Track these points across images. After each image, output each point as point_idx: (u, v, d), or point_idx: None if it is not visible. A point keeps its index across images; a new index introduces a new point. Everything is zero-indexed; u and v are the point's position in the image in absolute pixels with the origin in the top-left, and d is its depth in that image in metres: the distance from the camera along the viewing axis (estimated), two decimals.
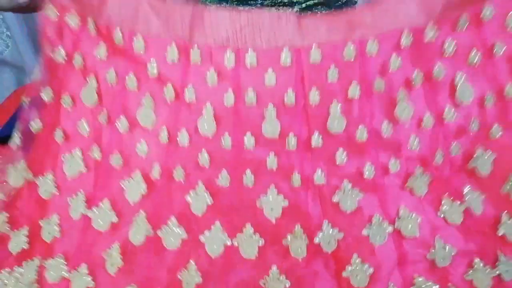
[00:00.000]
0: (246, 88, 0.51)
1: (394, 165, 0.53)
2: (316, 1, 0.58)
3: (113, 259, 0.50)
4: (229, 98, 0.51)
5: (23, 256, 0.53)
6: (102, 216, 0.51)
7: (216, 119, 0.51)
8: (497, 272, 0.52)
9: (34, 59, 1.14)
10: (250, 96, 0.51)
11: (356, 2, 0.66)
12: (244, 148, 0.51)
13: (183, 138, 0.51)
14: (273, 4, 0.57)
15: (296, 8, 0.57)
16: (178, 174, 0.52)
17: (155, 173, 0.52)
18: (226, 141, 0.51)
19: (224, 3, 0.58)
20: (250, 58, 0.51)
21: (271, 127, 0.51)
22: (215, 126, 0.51)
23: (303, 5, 0.57)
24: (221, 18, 0.50)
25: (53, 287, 0.51)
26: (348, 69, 0.51)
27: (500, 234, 0.52)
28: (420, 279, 0.51)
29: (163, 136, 0.52)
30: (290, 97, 0.51)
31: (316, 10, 0.59)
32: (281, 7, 0.57)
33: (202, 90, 0.51)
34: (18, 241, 0.53)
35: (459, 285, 0.51)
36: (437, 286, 0.50)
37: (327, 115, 0.51)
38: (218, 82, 0.51)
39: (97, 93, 0.53)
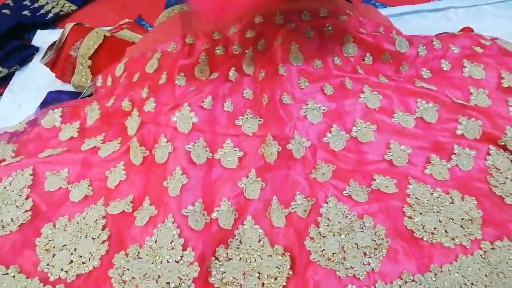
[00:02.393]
0: None
1: (349, 83, 0.62)
2: None
3: (116, 174, 0.60)
4: None
5: None
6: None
7: None
8: (453, 163, 0.55)
9: None
10: None
11: None
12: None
13: None
14: None
15: None
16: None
17: None
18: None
19: None
20: None
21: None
22: None
23: None
24: None
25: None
26: None
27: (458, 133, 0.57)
28: (379, 176, 0.55)
29: None
30: None
31: None
32: None
33: None
34: None
35: (422, 179, 0.54)
36: (395, 181, 0.54)
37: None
38: None
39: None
